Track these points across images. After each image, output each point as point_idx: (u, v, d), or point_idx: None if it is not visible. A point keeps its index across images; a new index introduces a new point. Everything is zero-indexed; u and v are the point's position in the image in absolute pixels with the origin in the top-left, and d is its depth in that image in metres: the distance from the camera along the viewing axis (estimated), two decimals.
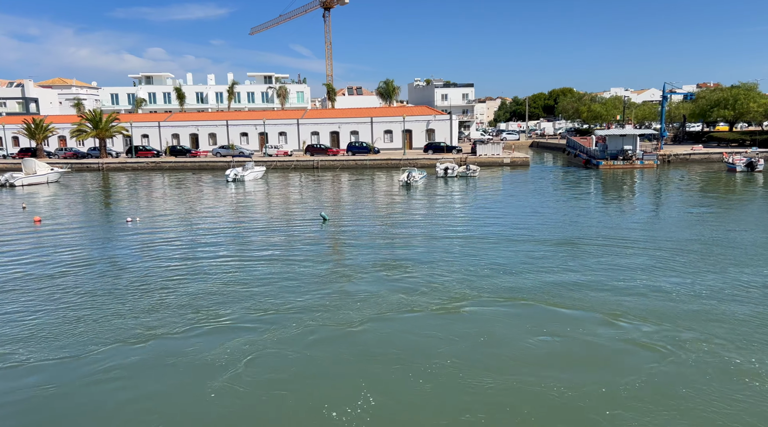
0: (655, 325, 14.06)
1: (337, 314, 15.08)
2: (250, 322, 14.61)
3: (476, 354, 12.64)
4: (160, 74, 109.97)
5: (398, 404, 10.63)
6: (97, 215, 33.51)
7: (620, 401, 10.62)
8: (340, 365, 12.14)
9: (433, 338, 13.55)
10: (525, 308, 15.49)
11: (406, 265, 20.08)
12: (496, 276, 18.44)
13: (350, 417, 10.13)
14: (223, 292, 17.16)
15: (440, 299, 16.29)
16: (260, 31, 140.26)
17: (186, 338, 13.65)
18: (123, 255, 22.47)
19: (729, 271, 18.58)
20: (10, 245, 24.43)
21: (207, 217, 32.38)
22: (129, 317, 15.03)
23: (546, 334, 13.72)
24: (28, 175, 49.02)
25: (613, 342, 13.20)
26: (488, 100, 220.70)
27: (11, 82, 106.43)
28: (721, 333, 13.53)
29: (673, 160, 59.06)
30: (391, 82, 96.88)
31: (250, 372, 11.83)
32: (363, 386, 11.22)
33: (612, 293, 16.58)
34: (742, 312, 14.84)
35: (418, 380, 11.45)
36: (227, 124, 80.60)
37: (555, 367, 11.93)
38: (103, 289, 17.60)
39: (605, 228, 26.31)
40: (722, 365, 11.92)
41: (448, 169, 52.54)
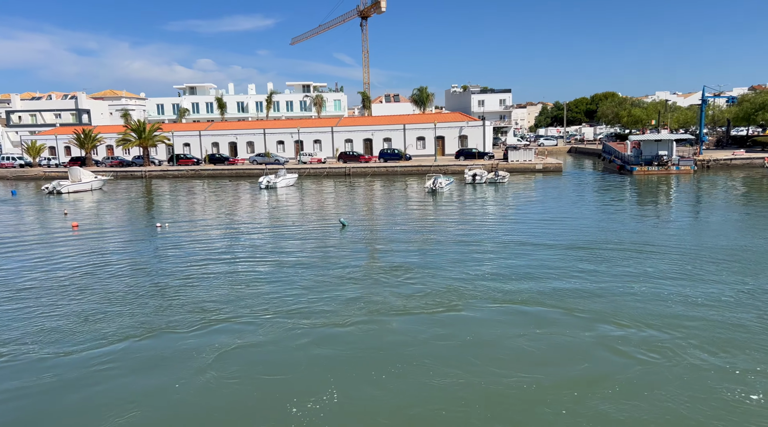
0: (664, 333, 14.03)
1: (332, 315, 15.64)
2: (248, 321, 15.33)
3: (467, 355, 12.95)
4: (203, 85, 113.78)
5: (397, 403, 11.09)
6: (131, 221, 35.22)
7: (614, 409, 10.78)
8: (329, 363, 12.68)
9: (427, 339, 13.94)
10: (527, 312, 15.68)
11: (411, 269, 20.48)
12: (500, 280, 18.61)
13: (340, 412, 10.66)
14: (226, 293, 17.97)
15: (434, 301, 16.63)
16: (301, 41, 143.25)
17: (187, 335, 14.47)
18: (145, 258, 23.70)
19: (747, 281, 18.20)
20: (45, 248, 26.08)
21: (233, 222, 33.59)
22: (137, 315, 16.00)
23: (542, 337, 13.90)
24: (73, 183, 51.78)
25: (618, 349, 13.29)
26: (529, 106, 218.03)
27: (66, 95, 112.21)
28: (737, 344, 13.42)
29: (712, 166, 57.21)
30: (424, 89, 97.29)
31: (246, 368, 12.51)
32: (355, 382, 11.75)
33: (621, 300, 16.54)
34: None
35: (425, 382, 11.88)
36: (264, 132, 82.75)
37: (546, 369, 12.14)
38: (117, 289, 18.71)
39: (626, 234, 25.97)
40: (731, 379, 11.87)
41: (476, 176, 52.55)
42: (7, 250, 26.16)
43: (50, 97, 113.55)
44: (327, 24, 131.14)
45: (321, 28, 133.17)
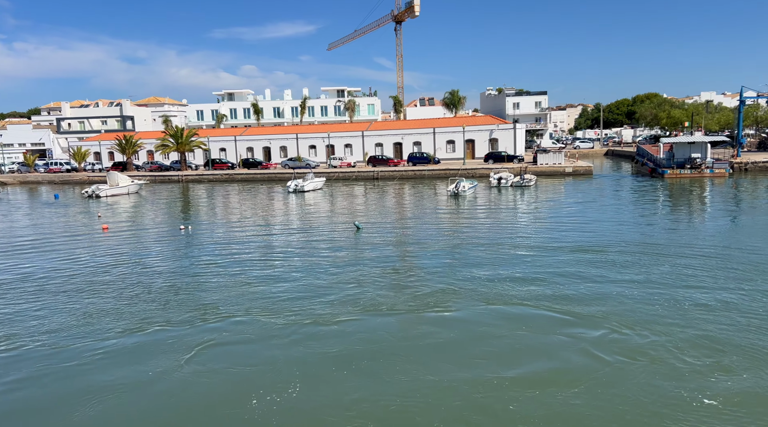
0: (655, 336, 14.02)
1: (324, 313, 16.17)
2: (239, 319, 16.03)
3: (456, 353, 13.26)
4: (241, 91, 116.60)
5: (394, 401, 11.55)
6: (158, 223, 36.72)
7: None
8: (312, 360, 13.22)
9: (415, 336, 14.34)
10: (522, 313, 15.85)
11: (412, 270, 20.86)
12: (498, 282, 18.78)
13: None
14: (226, 291, 18.75)
15: (425, 301, 16.98)
16: (337, 46, 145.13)
17: (180, 329, 15.26)
18: (160, 259, 24.82)
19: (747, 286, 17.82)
20: (73, 247, 27.59)
21: (254, 224, 34.61)
22: (138, 311, 16.93)
23: (531, 337, 14.08)
24: (111, 187, 54.19)
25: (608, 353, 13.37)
26: (569, 107, 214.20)
27: (111, 102, 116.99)
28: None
29: (750, 169, 55.19)
30: (456, 92, 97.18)
31: (235, 363, 13.19)
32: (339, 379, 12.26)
33: (621, 304, 16.51)
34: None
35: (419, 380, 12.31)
36: (297, 137, 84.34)
37: (539, 370, 12.37)
38: (125, 287, 19.75)
39: (637, 237, 25.62)
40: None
41: (501, 179, 52.36)
42: (39, 248, 27.82)
43: (97, 104, 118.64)
44: (362, 29, 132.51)
45: (356, 34, 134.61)
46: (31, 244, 29.77)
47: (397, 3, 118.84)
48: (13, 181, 77.18)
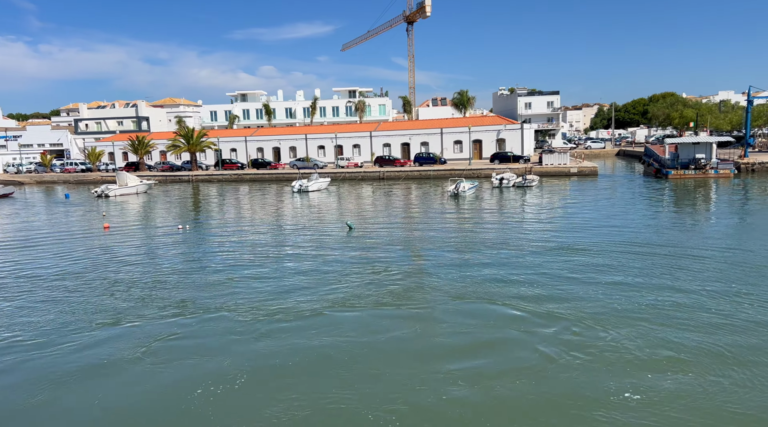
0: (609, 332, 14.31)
1: (292, 309, 16.70)
2: (207, 316, 16.64)
3: (416, 351, 13.71)
4: (254, 92, 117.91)
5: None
6: (159, 223, 37.65)
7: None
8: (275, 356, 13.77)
9: (382, 332, 14.80)
10: (487, 310, 16.22)
11: (391, 268, 21.27)
12: (473, 280, 19.14)
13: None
14: (204, 288, 19.38)
15: (397, 298, 17.41)
16: (351, 47, 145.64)
17: (152, 324, 15.91)
18: (153, 256, 25.59)
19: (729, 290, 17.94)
20: (70, 245, 28.55)
21: (251, 223, 35.32)
22: (114, 305, 17.63)
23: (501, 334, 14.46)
24: (120, 187, 55.49)
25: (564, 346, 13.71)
26: (585, 107, 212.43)
27: (128, 103, 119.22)
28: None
29: (757, 169, 54.50)
30: (465, 93, 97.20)
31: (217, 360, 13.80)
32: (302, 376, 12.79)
33: (588, 303, 16.79)
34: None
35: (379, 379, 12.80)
36: (306, 137, 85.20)
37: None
38: (116, 282, 20.48)
39: (623, 237, 25.73)
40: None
41: (503, 180, 52.45)
42: (37, 244, 28.82)
43: (113, 105, 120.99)
44: (375, 30, 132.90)
45: (369, 34, 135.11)
46: (31, 240, 30.84)
47: (409, 3, 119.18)
48: (29, 181, 79.26)
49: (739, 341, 13.61)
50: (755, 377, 11.82)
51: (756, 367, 12.26)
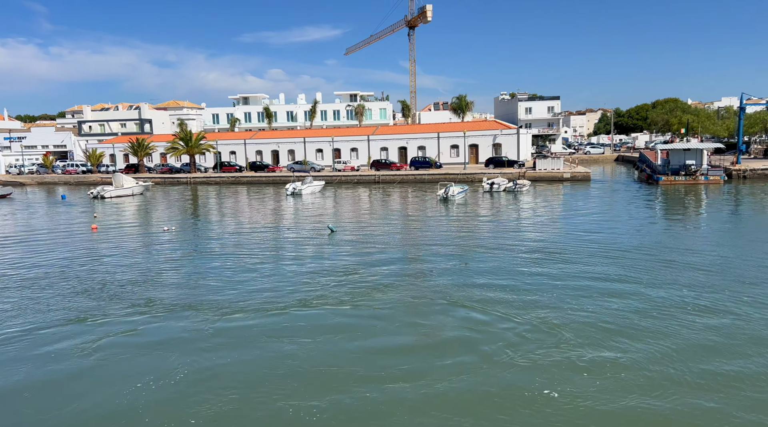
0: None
1: (256, 308, 17.17)
2: (166, 314, 17.15)
3: (362, 350, 14.14)
4: (256, 95, 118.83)
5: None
6: (147, 224, 38.29)
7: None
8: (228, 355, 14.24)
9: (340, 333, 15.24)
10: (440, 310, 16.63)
11: (359, 269, 21.71)
12: (437, 280, 19.54)
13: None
14: (176, 287, 19.89)
15: (362, 296, 17.85)
16: (354, 50, 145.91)
17: (117, 321, 16.43)
18: (134, 257, 26.14)
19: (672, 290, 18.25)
20: (53, 244, 29.19)
21: (238, 226, 35.85)
22: (78, 303, 18.16)
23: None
24: (116, 189, 56.28)
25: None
26: (589, 112, 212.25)
27: (131, 106, 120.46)
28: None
29: (749, 176, 54.52)
30: (464, 97, 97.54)
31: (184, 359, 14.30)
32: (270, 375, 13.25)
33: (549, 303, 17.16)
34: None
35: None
36: (304, 141, 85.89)
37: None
38: (88, 281, 21.03)
39: (599, 243, 26.04)
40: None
41: (494, 185, 52.78)
42: (20, 243, 29.48)
43: (117, 108, 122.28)
44: (378, 34, 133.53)
45: (372, 39, 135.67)
46: (17, 240, 31.54)
47: (411, 9, 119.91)
48: (31, 182, 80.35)
49: (684, 347, 13.94)
50: (693, 382, 12.15)
51: (696, 371, 12.59)
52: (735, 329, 14.85)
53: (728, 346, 13.77)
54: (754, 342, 13.93)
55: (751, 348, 13.59)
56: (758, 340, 14.08)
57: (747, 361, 12.92)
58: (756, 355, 13.21)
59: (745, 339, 14.15)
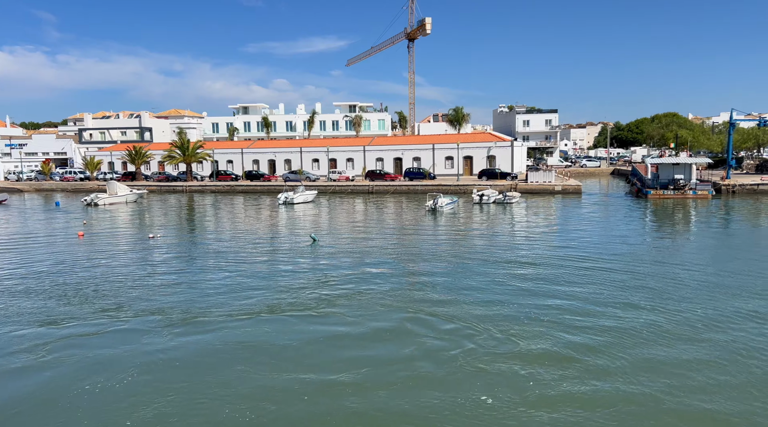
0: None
1: (229, 314, 17.51)
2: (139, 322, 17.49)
3: (325, 353, 14.46)
4: (255, 105, 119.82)
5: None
6: (134, 231, 38.72)
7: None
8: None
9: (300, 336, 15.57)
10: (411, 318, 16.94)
11: (337, 278, 22.04)
12: (406, 290, 19.86)
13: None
14: (150, 293, 20.25)
15: (326, 304, 18.19)
16: (356, 62, 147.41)
17: (84, 326, 16.79)
18: (112, 262, 26.54)
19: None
20: (36, 250, 29.62)
21: (224, 234, 36.22)
22: (57, 307, 18.53)
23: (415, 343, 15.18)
24: (110, 196, 56.83)
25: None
26: (589, 125, 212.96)
27: (132, 114, 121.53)
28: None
29: (738, 191, 54.76)
30: (460, 110, 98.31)
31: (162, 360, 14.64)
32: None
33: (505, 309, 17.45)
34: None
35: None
36: (301, 151, 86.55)
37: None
38: (63, 286, 21.42)
39: (575, 254, 26.33)
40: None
41: (483, 196, 53.14)
42: (7, 249, 29.92)
43: (118, 116, 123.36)
44: (378, 46, 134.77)
45: (373, 50, 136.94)
46: (2, 245, 31.97)
47: (410, 21, 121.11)
48: (29, 189, 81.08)
49: (625, 353, 14.22)
50: (638, 387, 12.42)
51: (635, 375, 12.86)
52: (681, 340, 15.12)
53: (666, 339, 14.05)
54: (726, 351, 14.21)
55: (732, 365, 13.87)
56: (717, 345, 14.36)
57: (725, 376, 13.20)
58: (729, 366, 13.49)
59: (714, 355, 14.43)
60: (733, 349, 14.51)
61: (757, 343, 14.86)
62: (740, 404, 11.67)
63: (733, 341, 15.01)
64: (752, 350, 14.38)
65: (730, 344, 14.81)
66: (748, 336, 15.36)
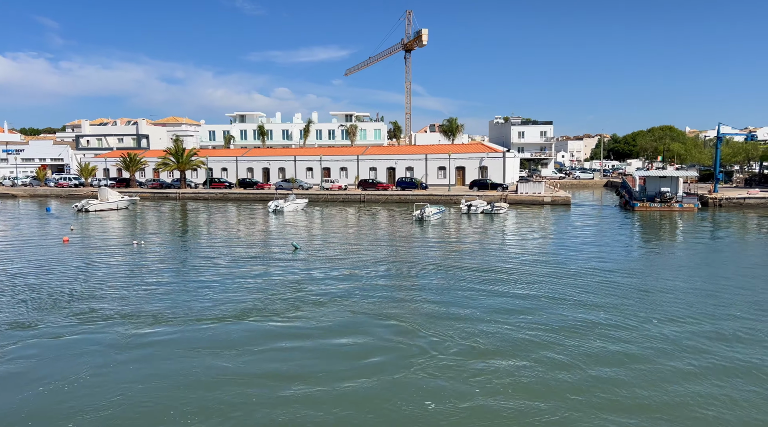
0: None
1: (192, 316, 17.78)
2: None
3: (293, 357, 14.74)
4: (252, 113, 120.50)
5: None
6: (120, 238, 39.00)
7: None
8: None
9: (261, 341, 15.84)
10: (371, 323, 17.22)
11: (310, 286, 22.33)
12: (373, 296, 20.15)
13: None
14: (120, 298, 20.53)
15: (293, 309, 18.47)
16: (354, 71, 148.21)
17: (59, 328, 17.06)
18: (91, 267, 26.83)
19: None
20: (17, 254, 29.93)
21: (208, 241, 36.53)
22: (36, 309, 18.81)
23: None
24: (101, 202, 57.18)
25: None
26: (586, 137, 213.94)
27: (129, 121, 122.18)
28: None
29: (724, 204, 55.12)
30: (454, 121, 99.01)
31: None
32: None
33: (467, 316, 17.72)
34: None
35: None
36: (295, 159, 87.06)
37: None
38: (37, 290, 21.72)
39: (549, 264, 26.62)
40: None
41: (471, 206, 53.50)
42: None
43: (115, 123, 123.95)
44: (376, 56, 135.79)
45: (371, 60, 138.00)
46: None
47: (407, 32, 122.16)
48: (23, 194, 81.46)
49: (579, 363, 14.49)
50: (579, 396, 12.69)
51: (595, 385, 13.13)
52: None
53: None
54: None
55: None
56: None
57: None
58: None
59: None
60: (690, 361, 14.79)
61: (713, 355, 15.15)
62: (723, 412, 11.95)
63: (689, 353, 15.29)
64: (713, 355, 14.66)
65: (684, 358, 15.09)
66: (713, 351, 15.64)
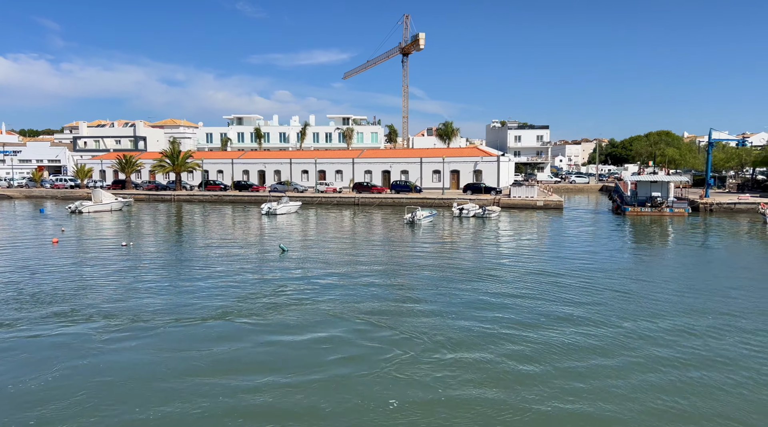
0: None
1: (174, 316, 17.97)
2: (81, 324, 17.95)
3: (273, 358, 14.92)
4: (250, 116, 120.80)
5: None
6: (110, 239, 39.19)
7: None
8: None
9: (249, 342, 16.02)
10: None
11: (291, 287, 22.52)
12: (353, 298, 20.34)
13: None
14: (103, 298, 20.72)
15: (277, 311, 18.65)
16: (352, 75, 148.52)
17: (40, 327, 17.25)
18: (77, 268, 27.01)
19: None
20: (8, 256, 30.13)
21: (197, 243, 36.69)
22: (17, 308, 19.00)
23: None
24: (95, 204, 57.36)
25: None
26: (584, 142, 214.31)
27: (126, 123, 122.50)
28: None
29: (715, 210, 55.34)
30: (450, 124, 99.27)
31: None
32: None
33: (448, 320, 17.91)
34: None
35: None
36: (290, 162, 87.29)
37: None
38: (22, 290, 21.91)
39: (533, 267, 26.81)
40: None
41: (463, 210, 53.71)
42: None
43: (113, 124, 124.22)
44: (374, 60, 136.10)
45: (369, 64, 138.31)
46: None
47: (405, 36, 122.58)
48: (19, 195, 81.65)
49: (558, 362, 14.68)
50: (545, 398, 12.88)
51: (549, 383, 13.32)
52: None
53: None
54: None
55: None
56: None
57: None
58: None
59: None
60: (668, 357, 14.98)
61: (690, 351, 15.34)
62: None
63: (667, 352, 15.47)
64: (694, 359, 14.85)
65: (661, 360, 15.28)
66: (686, 349, 15.84)
